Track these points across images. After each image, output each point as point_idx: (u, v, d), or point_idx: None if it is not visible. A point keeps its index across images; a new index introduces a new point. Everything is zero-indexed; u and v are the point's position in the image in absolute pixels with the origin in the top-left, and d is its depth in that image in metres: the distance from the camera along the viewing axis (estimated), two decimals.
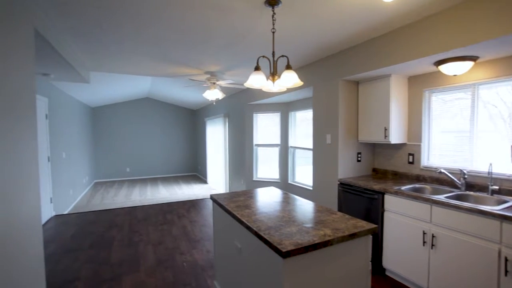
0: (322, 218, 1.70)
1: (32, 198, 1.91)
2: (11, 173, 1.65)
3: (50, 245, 3.51)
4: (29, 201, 1.87)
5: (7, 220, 1.59)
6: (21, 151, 1.77)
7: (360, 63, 2.91)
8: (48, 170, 4.50)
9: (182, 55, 3.31)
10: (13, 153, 1.68)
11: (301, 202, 2.11)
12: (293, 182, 5.53)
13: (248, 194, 2.40)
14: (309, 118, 5.06)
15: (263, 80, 1.88)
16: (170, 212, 4.94)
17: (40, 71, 3.38)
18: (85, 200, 6.31)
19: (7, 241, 1.57)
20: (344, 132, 3.29)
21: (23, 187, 1.79)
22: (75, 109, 6.47)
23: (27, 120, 1.86)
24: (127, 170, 9.23)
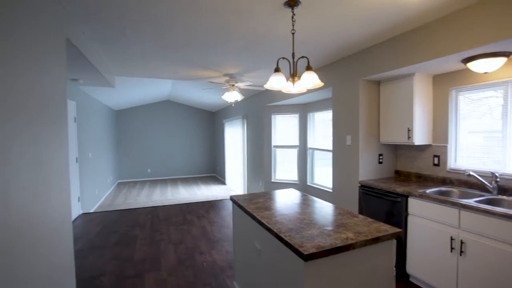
0: (344, 221, 1.67)
1: (63, 198, 2.01)
2: (46, 173, 1.75)
3: (78, 242, 3.68)
4: (61, 200, 1.98)
5: (42, 218, 1.68)
6: (54, 152, 1.88)
7: (382, 62, 2.84)
8: (76, 171, 4.72)
9: (201, 58, 3.37)
10: (48, 155, 1.78)
11: (321, 204, 2.08)
12: (312, 184, 5.47)
13: (268, 195, 2.40)
14: (328, 119, 4.99)
15: (283, 82, 1.88)
16: (190, 212, 5.03)
17: (70, 77, 3.57)
18: (109, 200, 6.57)
19: (42, 238, 1.67)
20: (365, 133, 3.21)
21: (56, 187, 1.89)
22: (100, 112, 6.76)
23: (60, 123, 1.97)
24: (148, 171, 9.50)
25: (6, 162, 1.32)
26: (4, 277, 1.27)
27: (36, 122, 1.64)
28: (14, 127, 1.39)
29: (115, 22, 2.30)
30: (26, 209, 1.50)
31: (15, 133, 1.40)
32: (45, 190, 1.75)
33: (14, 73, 1.38)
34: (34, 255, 1.57)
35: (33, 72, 1.59)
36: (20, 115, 1.45)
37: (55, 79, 1.91)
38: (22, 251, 1.44)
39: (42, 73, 1.72)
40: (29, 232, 1.53)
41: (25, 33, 1.49)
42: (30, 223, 1.54)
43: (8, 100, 1.33)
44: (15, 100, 1.40)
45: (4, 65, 1.29)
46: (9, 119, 1.35)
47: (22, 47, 1.47)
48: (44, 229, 1.71)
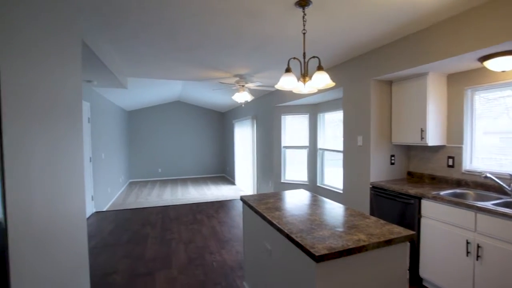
0: (356, 223, 1.66)
1: (78, 196, 2.06)
2: (64, 173, 1.80)
3: (91, 240, 3.76)
4: (76, 199, 2.03)
5: (61, 216, 1.73)
6: (72, 152, 1.93)
7: (394, 61, 2.80)
8: (90, 170, 4.83)
9: (212, 59, 3.40)
10: (66, 155, 1.83)
11: (332, 205, 2.07)
12: (322, 184, 5.43)
13: (278, 196, 2.40)
14: (338, 120, 4.94)
15: (294, 82, 1.88)
16: (200, 212, 5.07)
17: (85, 78, 3.66)
18: (121, 198, 6.69)
19: (60, 235, 1.72)
20: (376, 134, 3.17)
21: (72, 185, 1.94)
22: (113, 113, 6.90)
23: (76, 124, 2.02)
24: (159, 170, 9.63)
25: (30, 162, 1.36)
26: (26, 269, 1.31)
27: (57, 123, 1.69)
28: (37, 128, 1.44)
29: (129, 24, 2.35)
30: (47, 207, 1.54)
31: (38, 134, 1.45)
32: (63, 188, 1.80)
33: (35, 76, 1.43)
34: (53, 251, 1.62)
35: (52, 75, 1.64)
36: (42, 116, 1.50)
37: (72, 81, 1.97)
38: (43, 246, 1.48)
39: (61, 75, 1.77)
40: (49, 228, 1.58)
41: (43, 37, 1.54)
42: (50, 220, 1.59)
43: (32, 102, 1.38)
44: (38, 102, 1.44)
45: (26, 68, 1.34)
46: (33, 121, 1.40)
47: (42, 51, 1.51)
48: (62, 226, 1.76)
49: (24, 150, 1.32)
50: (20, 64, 1.28)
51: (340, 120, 5.18)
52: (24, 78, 1.32)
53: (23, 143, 1.32)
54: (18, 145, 1.27)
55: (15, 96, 1.24)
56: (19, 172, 1.28)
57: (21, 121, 1.30)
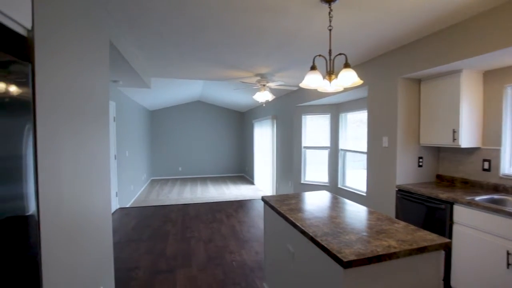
0: (383, 227, 1.57)
1: (104, 192, 2.12)
2: (91, 170, 1.85)
3: (115, 234, 3.88)
4: (103, 195, 2.08)
5: (86, 212, 1.78)
6: (98, 151, 1.99)
7: (425, 58, 2.65)
8: (114, 167, 5.00)
9: (233, 58, 3.40)
10: (93, 153, 1.88)
11: (357, 208, 1.98)
12: (343, 186, 5.28)
13: (300, 197, 2.34)
14: (361, 120, 4.79)
15: (320, 80, 1.82)
16: (219, 211, 5.10)
17: (111, 79, 3.78)
18: (143, 196, 6.87)
19: (88, 228, 1.77)
20: (403, 135, 3.03)
21: (99, 182, 2.00)
22: (137, 112, 7.11)
23: (103, 124, 2.08)
24: (179, 169, 9.82)
25: (61, 159, 1.41)
26: (56, 260, 1.35)
27: (86, 122, 1.74)
28: (68, 127, 1.49)
29: (154, 24, 2.39)
30: (75, 201, 1.59)
31: (68, 132, 1.49)
32: (91, 185, 1.85)
33: (67, 77, 1.47)
34: (81, 244, 1.67)
35: (82, 75, 1.69)
36: (73, 115, 1.55)
37: (101, 81, 2.02)
38: (72, 239, 1.53)
39: (90, 75, 1.83)
40: (78, 222, 1.63)
41: (74, 38, 1.59)
42: (79, 214, 1.64)
43: (63, 102, 1.42)
44: (69, 102, 1.49)
45: (59, 69, 1.38)
46: (64, 120, 1.44)
47: (73, 52, 1.56)
48: (89, 220, 1.81)
49: (55, 147, 1.37)
50: (53, 65, 1.33)
51: (360, 120, 5.03)
52: (56, 79, 1.36)
53: (55, 141, 1.37)
54: (50, 143, 1.32)
55: (48, 96, 1.28)
56: (51, 168, 1.33)
57: (53, 120, 1.34)
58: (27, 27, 1.09)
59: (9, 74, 1.01)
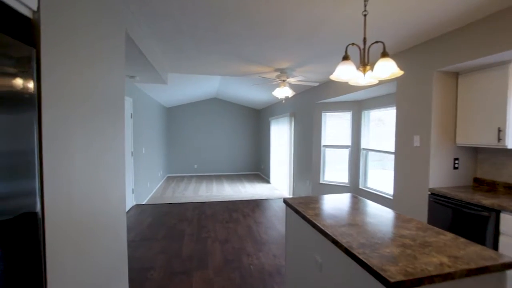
0: (428, 239, 1.37)
1: (119, 191, 2.02)
2: (104, 167, 1.75)
3: (131, 232, 3.83)
4: (117, 193, 1.99)
5: (99, 211, 1.68)
6: (112, 147, 1.88)
7: (468, 48, 2.39)
8: (131, 164, 4.98)
9: (253, 51, 3.23)
10: (106, 149, 1.78)
11: (389, 214, 1.78)
12: (365, 187, 5.03)
13: (324, 200, 2.16)
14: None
15: (353, 71, 1.62)
16: (235, 210, 4.97)
17: (128, 74, 3.72)
18: (159, 193, 6.87)
19: (98, 231, 1.67)
20: (437, 134, 2.77)
21: (113, 180, 1.90)
22: (154, 109, 7.10)
23: (118, 119, 1.98)
24: (195, 166, 9.80)
25: (70, 155, 1.30)
26: (63, 264, 1.25)
27: (97, 118, 1.64)
28: (77, 121, 1.38)
29: (172, 14, 2.26)
30: (86, 200, 1.49)
31: (77, 127, 1.39)
32: (104, 183, 1.75)
33: (76, 67, 1.36)
34: (93, 245, 1.57)
35: (94, 66, 1.58)
36: (83, 110, 1.44)
37: (116, 74, 1.92)
38: (82, 239, 1.43)
39: (104, 66, 1.72)
40: (89, 223, 1.52)
41: (87, 25, 1.47)
42: (90, 214, 1.54)
43: (72, 95, 1.31)
44: (78, 95, 1.38)
45: (68, 59, 1.27)
46: (72, 115, 1.34)
47: (86, 41, 1.45)
48: (101, 221, 1.71)
49: (62, 142, 1.25)
50: (61, 51, 1.21)
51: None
52: (65, 67, 1.25)
53: (62, 135, 1.26)
54: (56, 137, 1.21)
55: (55, 86, 1.17)
56: (57, 165, 1.22)
57: (60, 112, 1.23)
58: (32, 8, 0.97)
59: (12, 60, 0.89)
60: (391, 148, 4.26)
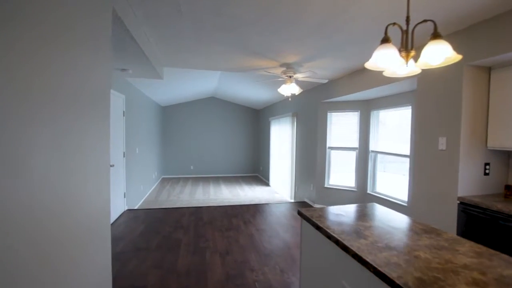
0: (503, 272, 1.05)
1: (101, 197, 1.68)
2: (80, 171, 1.41)
3: (120, 242, 3.47)
4: (98, 200, 1.64)
5: (73, 223, 1.34)
6: (92, 148, 1.54)
7: (503, 39, 2.09)
8: (123, 166, 4.61)
9: (259, 42, 2.91)
10: (83, 150, 1.44)
11: (433, 233, 1.46)
12: (373, 192, 4.73)
13: (349, 212, 1.83)
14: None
15: (395, 57, 1.30)
16: (235, 216, 4.63)
17: (119, 67, 3.36)
18: (153, 195, 6.50)
19: (71, 245, 1.33)
20: (467, 136, 2.47)
21: (93, 186, 1.56)
22: (148, 107, 6.72)
23: (102, 115, 1.63)
24: (191, 167, 9.43)
25: (31, 157, 0.96)
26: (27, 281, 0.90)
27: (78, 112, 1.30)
28: (40, 119, 1.04)
29: None
30: (55, 209, 1.15)
31: (40, 126, 1.05)
32: (80, 189, 1.41)
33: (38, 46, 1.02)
34: (63, 264, 1.23)
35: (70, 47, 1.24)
36: (53, 101, 1.10)
37: (100, 60, 1.58)
38: (48, 257, 1.09)
39: (83, 49, 1.38)
40: (59, 236, 1.18)
41: None
42: (61, 225, 1.20)
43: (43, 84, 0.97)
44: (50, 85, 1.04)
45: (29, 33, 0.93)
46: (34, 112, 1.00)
47: (59, 23, 1.11)
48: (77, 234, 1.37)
49: (20, 144, 0.91)
50: (14, 24, 0.87)
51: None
52: (18, 46, 0.91)
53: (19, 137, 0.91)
54: (12, 139, 0.86)
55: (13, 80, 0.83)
56: (14, 168, 0.88)
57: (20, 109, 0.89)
58: None
59: None
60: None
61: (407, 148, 3.90)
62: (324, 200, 5.23)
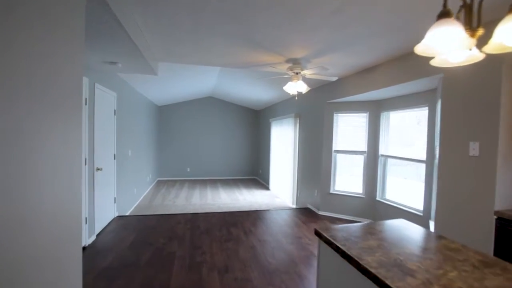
0: None
1: (73, 213, 1.33)
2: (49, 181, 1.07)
3: (108, 255, 3.11)
4: (68, 216, 1.30)
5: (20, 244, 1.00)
6: (59, 149, 1.20)
7: None
8: (113, 169, 4.25)
9: (267, 33, 2.58)
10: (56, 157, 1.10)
11: (499, 265, 1.14)
12: (383, 199, 4.41)
13: (377, 232, 1.50)
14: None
15: (460, 35, 0.97)
16: (235, 224, 4.28)
17: (108, 59, 3.01)
18: (147, 200, 6.13)
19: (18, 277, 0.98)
20: (506, 141, 2.15)
21: (55, 196, 1.21)
22: (143, 106, 6.36)
23: (71, 111, 1.29)
24: (188, 170, 9.07)
25: None
26: None
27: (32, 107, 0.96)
28: None
29: None
30: None
31: None
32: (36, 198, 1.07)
33: None
34: None
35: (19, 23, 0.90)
36: None
37: (68, 49, 1.24)
38: None
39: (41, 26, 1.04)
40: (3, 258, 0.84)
41: None
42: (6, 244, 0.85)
43: None
44: None
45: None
46: None
47: None
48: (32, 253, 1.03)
49: None
50: None
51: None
52: None
53: None
54: None
55: None
56: None
57: None
58: None
59: None
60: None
61: (422, 152, 3.59)
62: (330, 207, 4.90)
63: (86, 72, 3.24)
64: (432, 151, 3.43)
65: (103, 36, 2.32)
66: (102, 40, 2.43)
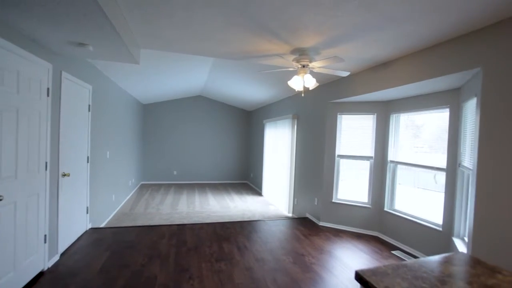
0: None
1: None
2: None
3: (70, 284, 2.51)
4: None
5: None
6: None
7: None
8: (85, 174, 3.63)
9: (273, 10, 2.08)
10: None
11: None
12: (392, 210, 3.99)
13: (439, 277, 1.02)
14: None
15: None
16: (227, 239, 3.75)
17: (75, 39, 2.43)
18: (128, 207, 5.50)
19: None
20: None
21: None
22: (125, 103, 5.74)
23: None
24: (174, 173, 8.46)
25: None
26: None
27: None
28: None
29: None
30: None
31: None
32: None
33: None
34: None
35: None
36: None
37: None
38: None
39: None
40: None
41: None
42: None
43: None
44: None
45: None
46: None
47: None
48: None
49: None
50: None
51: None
52: None
53: None
54: None
55: None
56: None
57: None
58: None
59: None
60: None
61: (441, 159, 3.19)
62: (332, 218, 4.45)
63: (48, 56, 2.65)
64: (453, 158, 3.04)
65: (66, 5, 1.77)
66: (65, 11, 1.86)
